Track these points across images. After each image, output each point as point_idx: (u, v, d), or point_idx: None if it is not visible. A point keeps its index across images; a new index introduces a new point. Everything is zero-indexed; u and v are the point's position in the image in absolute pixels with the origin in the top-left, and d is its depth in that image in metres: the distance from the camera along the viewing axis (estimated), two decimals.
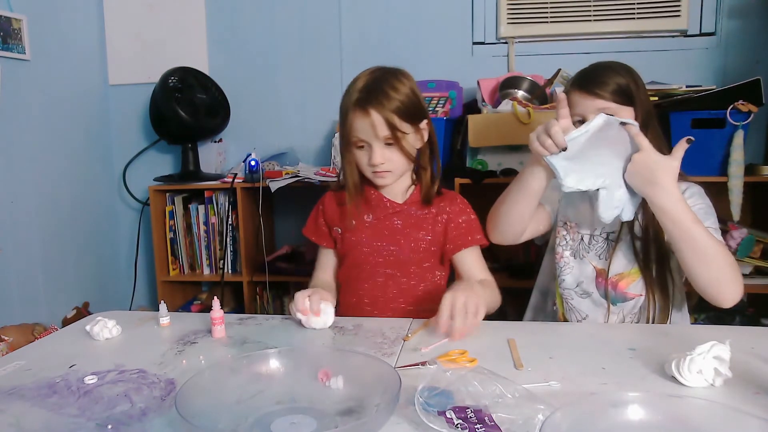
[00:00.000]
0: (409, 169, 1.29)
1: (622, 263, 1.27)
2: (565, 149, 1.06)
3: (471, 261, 1.29)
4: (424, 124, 1.26)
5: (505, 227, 1.26)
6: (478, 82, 2.15)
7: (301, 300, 1.11)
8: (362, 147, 1.22)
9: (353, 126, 1.20)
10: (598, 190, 1.11)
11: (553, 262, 1.36)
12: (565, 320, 1.33)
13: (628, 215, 1.13)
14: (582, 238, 1.32)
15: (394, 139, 1.19)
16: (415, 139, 1.25)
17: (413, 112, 1.21)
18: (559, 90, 2.00)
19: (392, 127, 1.18)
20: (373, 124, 1.17)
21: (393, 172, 1.24)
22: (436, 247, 1.30)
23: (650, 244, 1.24)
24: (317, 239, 1.38)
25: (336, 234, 1.34)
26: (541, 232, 1.37)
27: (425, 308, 1.33)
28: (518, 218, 1.24)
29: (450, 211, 1.30)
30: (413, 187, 1.31)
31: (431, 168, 1.29)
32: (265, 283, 2.28)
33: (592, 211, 1.30)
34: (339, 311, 1.22)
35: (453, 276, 1.36)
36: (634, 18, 2.25)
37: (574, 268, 1.32)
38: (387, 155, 1.21)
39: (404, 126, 1.20)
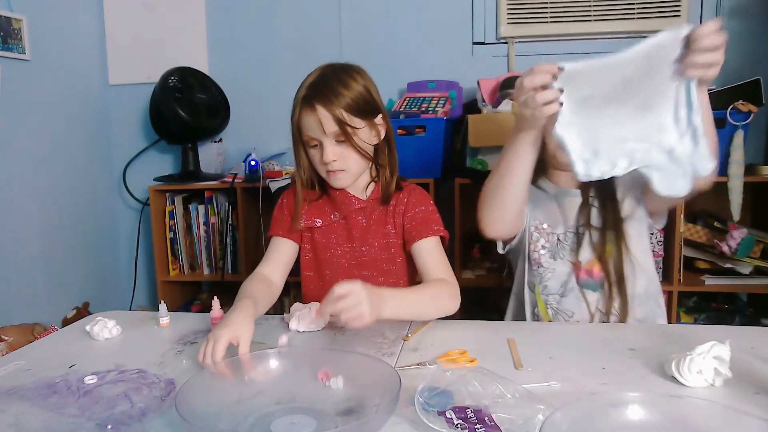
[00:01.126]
0: (365, 167, 1.25)
1: (589, 250, 1.27)
2: (559, 72, 0.94)
3: (426, 253, 1.20)
4: (379, 119, 1.21)
5: (500, 214, 1.17)
6: (478, 82, 2.16)
7: (208, 354, 0.90)
8: (315, 146, 1.19)
9: (301, 123, 1.17)
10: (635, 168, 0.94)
11: (527, 269, 1.33)
12: None
13: (707, 166, 0.92)
14: (558, 238, 1.29)
15: (345, 135, 1.15)
16: (369, 135, 1.20)
17: (364, 108, 1.17)
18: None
19: (340, 123, 1.14)
20: (320, 121, 1.14)
21: (347, 172, 1.20)
22: (401, 240, 1.26)
23: (606, 236, 1.25)
24: (281, 231, 1.28)
25: (296, 229, 1.28)
26: (519, 230, 1.30)
27: None
28: (513, 202, 1.15)
29: (407, 202, 1.25)
30: (373, 184, 1.28)
31: (389, 165, 1.26)
32: None
33: (561, 210, 1.30)
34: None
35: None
36: (634, 18, 2.25)
37: (555, 271, 1.29)
38: (339, 152, 1.17)
39: (354, 121, 1.16)
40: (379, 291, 0.99)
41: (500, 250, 1.37)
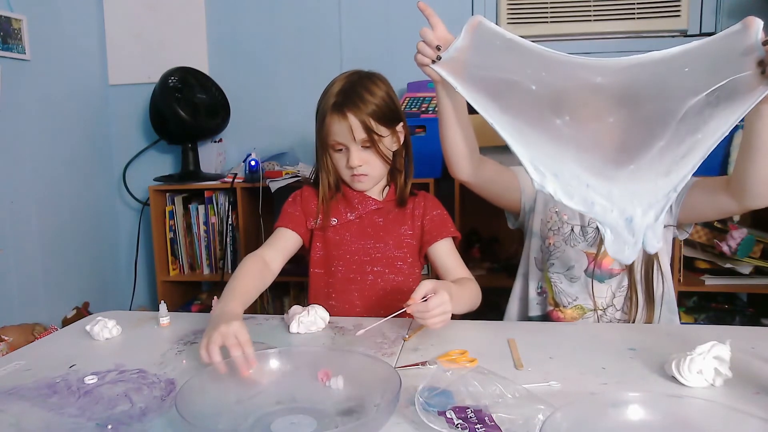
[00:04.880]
0: (386, 172, 1.31)
1: None
2: (439, 58, 1.01)
3: (446, 254, 1.29)
4: (400, 126, 1.28)
5: (450, 156, 1.22)
6: None
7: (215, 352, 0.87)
8: (340, 150, 1.25)
9: (331, 129, 1.22)
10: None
11: (534, 247, 1.37)
12: (555, 304, 1.33)
13: (655, 245, 0.91)
14: (572, 229, 1.32)
15: (371, 142, 1.22)
16: (391, 141, 1.27)
17: (389, 116, 1.24)
18: None
19: (369, 130, 1.20)
20: (350, 128, 1.20)
21: (370, 176, 1.26)
22: (416, 241, 1.32)
23: None
24: (291, 224, 1.29)
25: (312, 226, 1.31)
26: (504, 190, 1.34)
27: None
28: (452, 143, 1.19)
29: (424, 206, 1.33)
30: (388, 187, 1.34)
31: (405, 170, 1.33)
32: None
33: None
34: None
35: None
36: (634, 18, 2.25)
37: (564, 253, 1.33)
38: (364, 158, 1.24)
39: (381, 129, 1.22)
40: (450, 290, 1.02)
41: (510, 225, 1.44)
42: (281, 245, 1.29)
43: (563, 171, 0.94)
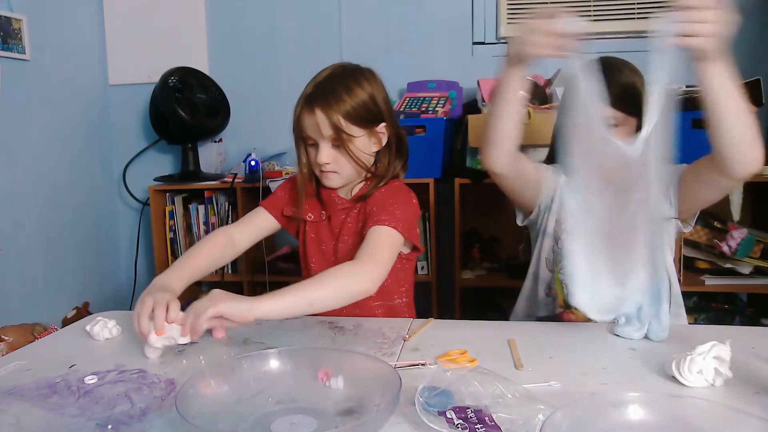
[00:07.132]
0: (360, 173, 1.23)
1: None
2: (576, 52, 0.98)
3: (364, 240, 1.13)
4: (381, 127, 1.21)
5: (493, 145, 1.17)
6: (478, 82, 2.16)
7: (145, 321, 0.97)
8: (313, 144, 1.20)
9: (300, 121, 1.19)
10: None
11: (546, 247, 1.34)
12: (566, 306, 1.32)
13: (661, 335, 1.01)
14: None
15: (341, 141, 1.16)
16: (367, 143, 1.20)
17: (365, 116, 1.17)
18: (559, 90, 2.00)
19: (337, 129, 1.15)
20: (317, 123, 1.15)
21: (340, 174, 1.20)
22: None
23: None
24: (270, 207, 1.30)
25: (288, 213, 1.30)
26: (526, 187, 1.30)
27: (395, 303, 1.29)
28: (505, 137, 1.15)
29: (374, 195, 1.22)
30: (362, 183, 1.26)
31: (390, 171, 1.24)
32: (265, 283, 2.28)
33: None
34: None
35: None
36: (634, 18, 2.25)
37: None
38: (333, 156, 1.18)
39: (352, 129, 1.16)
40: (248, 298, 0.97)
41: (519, 222, 1.39)
42: (254, 225, 1.29)
43: (603, 278, 0.99)
